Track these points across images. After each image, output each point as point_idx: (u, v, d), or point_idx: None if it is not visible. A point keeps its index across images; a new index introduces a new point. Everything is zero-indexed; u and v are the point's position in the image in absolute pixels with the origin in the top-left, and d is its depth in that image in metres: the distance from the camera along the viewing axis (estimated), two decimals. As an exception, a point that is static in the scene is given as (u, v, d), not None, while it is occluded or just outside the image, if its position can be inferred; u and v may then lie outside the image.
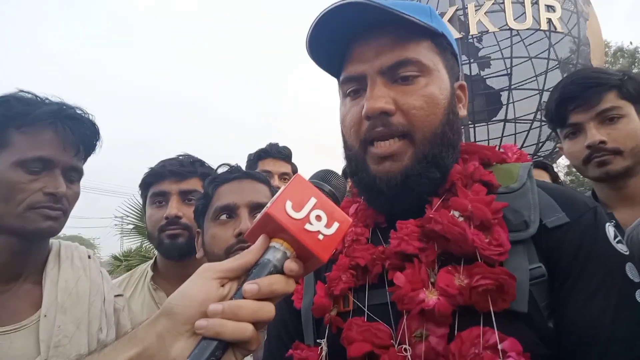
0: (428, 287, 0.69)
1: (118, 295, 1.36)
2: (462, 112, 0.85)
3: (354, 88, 0.81)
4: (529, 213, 0.72)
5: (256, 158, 2.42)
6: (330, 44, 0.80)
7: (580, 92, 1.35)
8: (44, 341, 1.10)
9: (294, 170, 2.49)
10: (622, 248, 0.72)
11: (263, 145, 2.49)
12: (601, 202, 1.47)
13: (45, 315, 1.13)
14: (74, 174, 1.18)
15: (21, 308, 1.13)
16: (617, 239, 0.72)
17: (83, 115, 1.20)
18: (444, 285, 0.67)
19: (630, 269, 0.70)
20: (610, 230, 0.73)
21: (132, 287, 1.67)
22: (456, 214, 0.72)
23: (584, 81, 1.36)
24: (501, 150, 0.89)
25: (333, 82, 0.91)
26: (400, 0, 0.76)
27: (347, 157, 0.83)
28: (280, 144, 2.52)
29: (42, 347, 1.09)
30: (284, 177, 2.41)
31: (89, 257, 1.33)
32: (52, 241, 1.27)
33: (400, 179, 0.75)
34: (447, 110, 0.78)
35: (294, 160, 2.54)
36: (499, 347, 0.62)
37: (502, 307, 0.65)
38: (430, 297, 0.67)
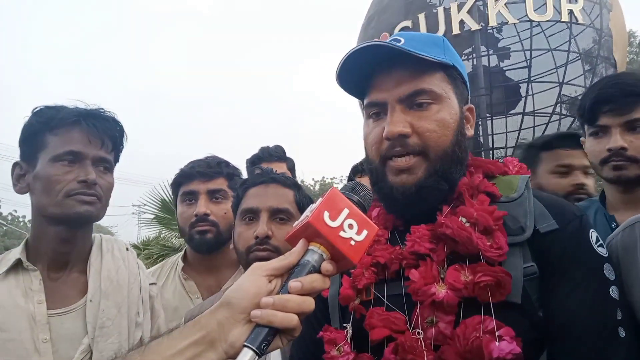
0: (438, 282, 0.81)
1: (152, 284, 1.50)
2: (470, 131, 0.96)
3: (375, 111, 0.93)
4: (525, 220, 0.83)
5: (250, 165, 2.47)
6: (356, 74, 0.92)
7: (618, 98, 1.38)
8: (90, 323, 1.24)
9: (291, 165, 2.53)
10: (602, 251, 0.83)
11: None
12: (608, 202, 1.53)
13: (91, 300, 1.27)
14: (104, 165, 1.32)
15: (70, 294, 1.28)
16: (598, 243, 0.84)
17: (104, 113, 1.35)
18: (452, 280, 0.79)
19: (607, 269, 0.81)
20: (593, 235, 0.84)
21: (165, 277, 1.81)
22: (463, 220, 0.83)
23: (624, 87, 1.39)
24: (502, 163, 0.99)
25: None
26: (419, 33, 0.86)
27: (369, 169, 0.96)
28: (276, 143, 2.55)
29: (89, 328, 1.23)
30: None
31: (127, 249, 1.47)
32: (95, 235, 1.41)
33: (415, 190, 0.87)
34: (457, 132, 0.90)
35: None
36: (496, 332, 0.74)
37: (499, 299, 0.76)
38: (440, 291, 0.79)
